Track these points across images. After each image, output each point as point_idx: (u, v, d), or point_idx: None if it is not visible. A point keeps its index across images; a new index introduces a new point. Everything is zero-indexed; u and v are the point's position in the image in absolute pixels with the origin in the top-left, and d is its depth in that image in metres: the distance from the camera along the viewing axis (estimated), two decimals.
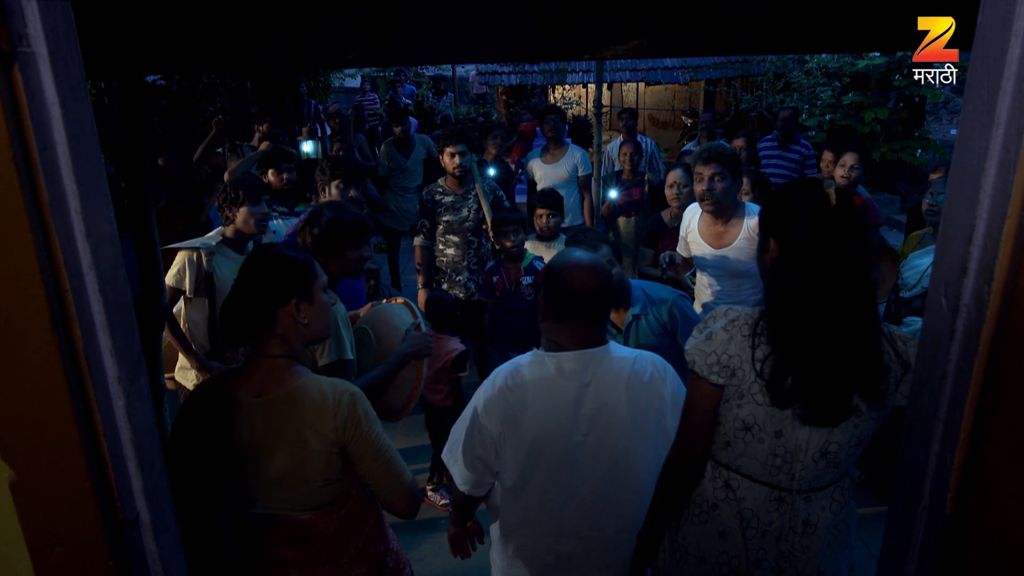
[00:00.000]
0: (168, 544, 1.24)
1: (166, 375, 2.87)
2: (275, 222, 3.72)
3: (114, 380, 1.09)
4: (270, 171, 3.88)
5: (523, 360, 1.69)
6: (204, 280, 2.89)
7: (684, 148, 6.18)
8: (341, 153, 5.41)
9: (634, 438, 1.63)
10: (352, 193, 3.49)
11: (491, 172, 5.13)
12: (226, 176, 4.05)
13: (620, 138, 5.98)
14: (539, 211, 3.70)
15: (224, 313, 1.56)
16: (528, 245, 3.64)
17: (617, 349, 1.69)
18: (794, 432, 1.41)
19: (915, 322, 2.98)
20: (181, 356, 2.94)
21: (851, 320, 1.36)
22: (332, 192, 3.47)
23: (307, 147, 4.29)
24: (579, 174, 5.05)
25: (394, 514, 1.62)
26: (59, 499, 1.05)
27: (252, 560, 1.61)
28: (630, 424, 1.62)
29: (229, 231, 3.03)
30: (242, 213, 2.96)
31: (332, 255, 2.18)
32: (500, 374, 1.69)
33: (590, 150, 6.28)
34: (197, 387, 1.66)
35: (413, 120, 8.78)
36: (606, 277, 1.66)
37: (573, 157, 5.09)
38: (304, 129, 5.50)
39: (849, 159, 4.03)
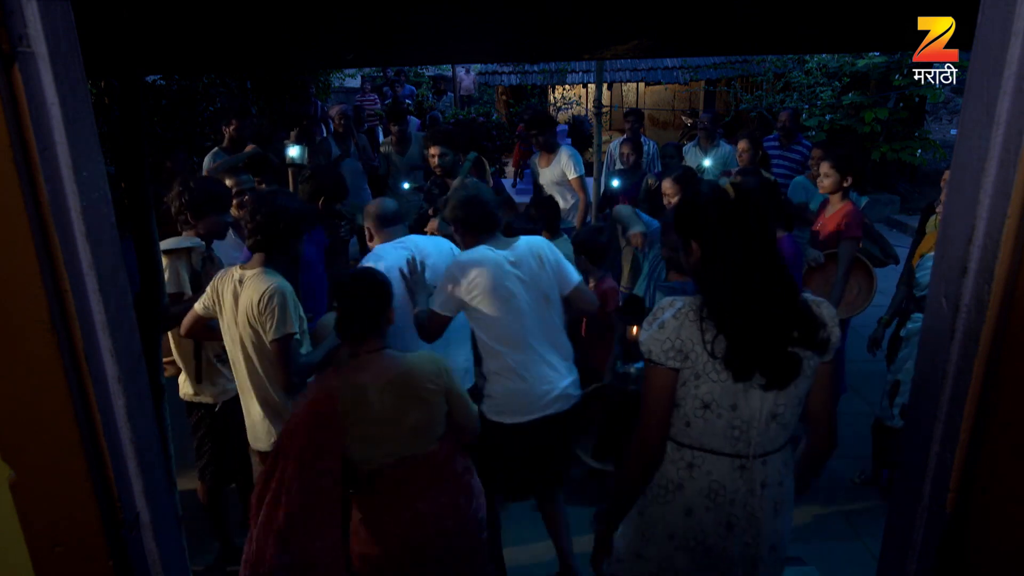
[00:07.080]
0: (168, 544, 1.24)
1: (164, 360, 2.83)
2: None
3: (114, 380, 1.09)
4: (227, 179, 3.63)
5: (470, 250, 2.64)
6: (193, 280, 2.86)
7: (684, 148, 6.17)
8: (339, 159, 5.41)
9: (548, 280, 2.63)
10: (338, 206, 3.45)
11: (405, 186, 5.22)
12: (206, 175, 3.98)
13: (622, 137, 6.00)
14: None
15: (340, 322, 2.12)
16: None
17: (524, 240, 2.64)
18: (747, 403, 1.57)
19: (920, 318, 2.99)
20: (184, 366, 2.89)
21: (772, 293, 1.52)
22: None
23: (292, 152, 4.20)
24: (567, 177, 4.93)
25: (467, 434, 2.26)
26: (59, 499, 1.05)
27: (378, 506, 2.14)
28: (541, 272, 2.61)
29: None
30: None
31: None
32: (457, 257, 2.64)
33: (590, 150, 6.26)
34: (322, 378, 2.15)
35: (415, 120, 8.77)
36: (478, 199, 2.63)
37: (559, 162, 4.97)
38: (292, 133, 5.44)
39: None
